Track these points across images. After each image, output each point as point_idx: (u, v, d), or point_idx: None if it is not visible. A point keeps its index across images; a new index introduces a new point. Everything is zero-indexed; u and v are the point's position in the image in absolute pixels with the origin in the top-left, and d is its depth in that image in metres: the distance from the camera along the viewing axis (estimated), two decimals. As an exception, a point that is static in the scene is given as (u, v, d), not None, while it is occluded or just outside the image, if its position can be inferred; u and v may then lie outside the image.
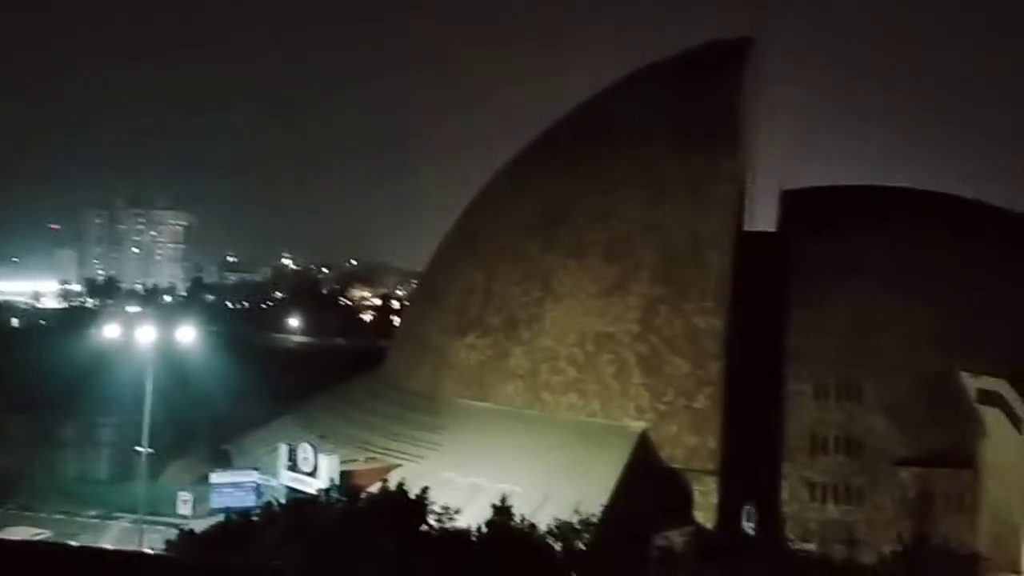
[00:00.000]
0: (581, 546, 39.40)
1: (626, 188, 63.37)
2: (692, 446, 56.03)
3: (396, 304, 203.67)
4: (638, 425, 56.83)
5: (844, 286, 59.56)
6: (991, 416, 55.58)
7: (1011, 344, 56.09)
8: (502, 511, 39.16)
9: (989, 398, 55.74)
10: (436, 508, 39.01)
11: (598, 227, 62.74)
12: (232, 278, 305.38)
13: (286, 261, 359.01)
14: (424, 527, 37.39)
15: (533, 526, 39.20)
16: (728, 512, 54.72)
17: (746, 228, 70.25)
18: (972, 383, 56.45)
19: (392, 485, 42.87)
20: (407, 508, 38.15)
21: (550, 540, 39.19)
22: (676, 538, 46.90)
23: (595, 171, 65.57)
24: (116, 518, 60.75)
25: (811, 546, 51.48)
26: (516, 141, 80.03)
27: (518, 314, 63.13)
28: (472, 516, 39.65)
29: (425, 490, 39.81)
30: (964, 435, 56.46)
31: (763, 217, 73.89)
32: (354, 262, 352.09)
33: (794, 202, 69.26)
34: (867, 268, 60.17)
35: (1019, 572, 51.45)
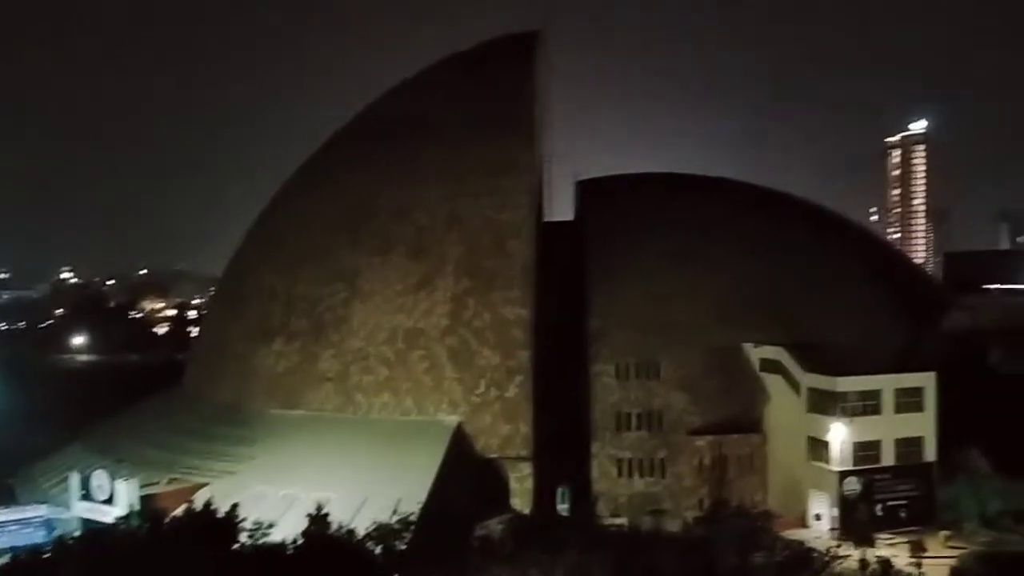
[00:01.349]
0: (401, 546, 39.19)
1: (427, 183, 63.52)
2: (506, 434, 57.15)
3: (194, 314, 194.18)
4: (452, 419, 57.25)
5: (638, 270, 62.68)
6: (773, 382, 60.54)
7: (786, 315, 61.16)
8: (318, 520, 38.27)
9: (770, 366, 60.71)
10: (248, 524, 37.57)
11: (402, 223, 62.54)
12: (4, 296, 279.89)
13: (66, 275, 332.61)
14: (236, 545, 35.88)
15: (351, 532, 38.59)
16: (544, 495, 56.33)
17: (546, 218, 72.37)
18: (755, 353, 61.28)
19: (199, 505, 40.91)
20: (216, 528, 36.48)
21: (370, 544, 38.73)
22: (495, 526, 47.63)
23: (396, 167, 65.31)
24: None
25: (621, 520, 53.79)
26: (312, 140, 78.35)
27: (325, 316, 61.83)
28: (288, 529, 38.53)
29: (235, 507, 38.26)
30: (751, 402, 61.17)
31: (561, 206, 76.48)
32: (145, 271, 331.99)
33: (589, 191, 72.02)
34: (658, 252, 63.62)
35: (806, 526, 56.36)
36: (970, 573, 46.28)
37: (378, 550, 38.35)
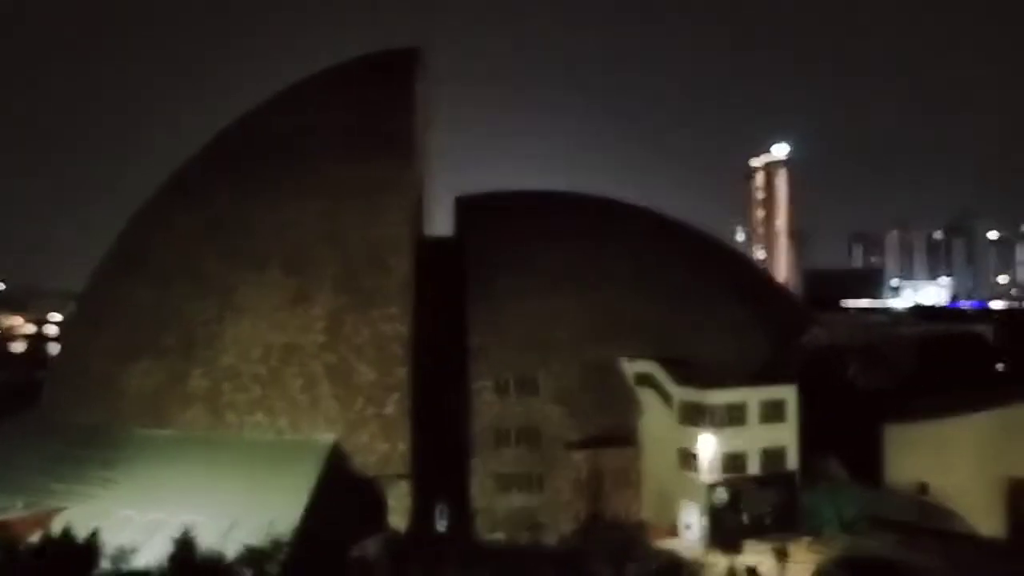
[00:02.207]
0: (274, 569, 38.16)
1: (304, 198, 62.44)
2: (384, 452, 56.52)
3: (54, 330, 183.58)
4: (329, 437, 56.21)
5: (516, 287, 63.41)
6: (647, 396, 62.27)
7: (659, 331, 63.14)
8: (184, 545, 36.86)
9: (644, 380, 62.45)
10: (110, 550, 35.80)
11: (277, 239, 61.18)
12: None
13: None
14: (96, 572, 34.11)
15: (221, 556, 37.32)
16: (423, 513, 55.96)
17: (425, 234, 72.27)
18: (630, 368, 62.93)
19: (57, 531, 38.67)
20: (75, 554, 34.61)
21: (239, 568, 37.54)
22: (371, 546, 47.01)
23: (271, 181, 63.91)
24: None
25: (500, 535, 54.07)
26: (180, 152, 75.76)
27: (196, 333, 59.66)
28: (152, 554, 36.92)
29: (95, 532, 36.37)
30: (626, 415, 62.68)
31: (440, 223, 76.61)
32: (1, 286, 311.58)
33: (469, 208, 72.38)
34: (536, 269, 64.58)
35: (677, 535, 58.04)
36: (829, 576, 48.71)
37: (249, 574, 37.22)
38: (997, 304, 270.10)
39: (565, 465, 60.48)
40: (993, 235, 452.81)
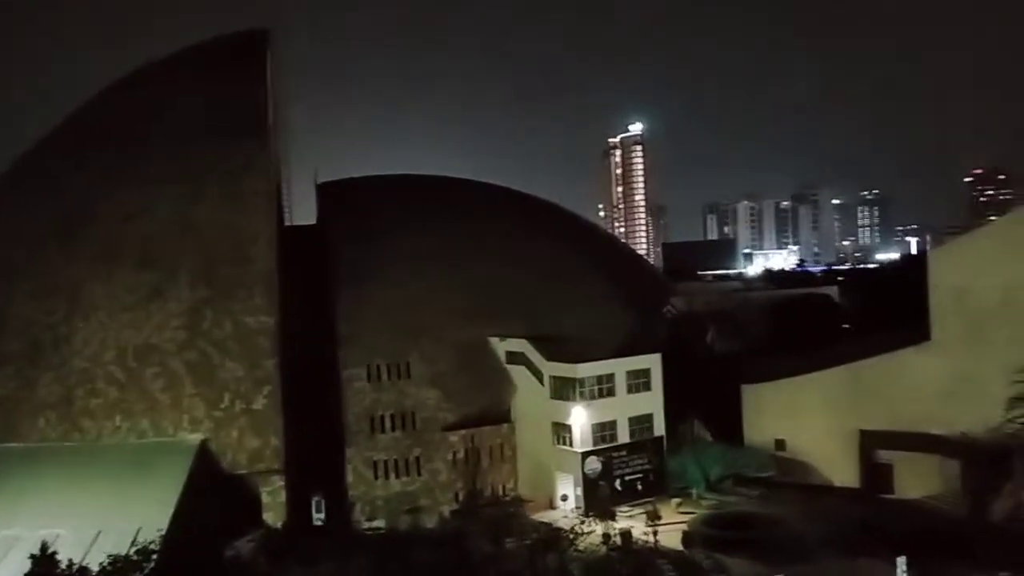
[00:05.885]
0: (143, 577, 36.63)
1: (156, 186, 59.25)
2: (255, 448, 54.96)
3: None
4: (195, 437, 54.13)
5: (384, 272, 62.81)
6: (519, 373, 63.17)
7: (527, 309, 64.02)
8: (43, 560, 34.81)
9: (516, 358, 63.32)
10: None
11: (128, 230, 57.95)
12: None
13: None
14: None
15: (84, 569, 35.50)
16: (299, 507, 54.91)
17: (288, 222, 70.43)
18: (501, 347, 63.65)
19: None
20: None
21: (107, 579, 35.83)
22: (244, 545, 45.77)
23: (118, 170, 60.39)
24: None
25: (379, 522, 53.78)
26: (18, 142, 70.84)
27: (42, 336, 55.92)
28: (8, 572, 34.71)
29: (-59, 557, 33.82)
30: (500, 394, 63.44)
31: (304, 210, 74.83)
32: None
33: (331, 194, 71.02)
34: (403, 253, 64.14)
35: (554, 507, 59.34)
36: (698, 535, 51.05)
37: (117, 584, 35.60)
38: (842, 266, 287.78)
39: (442, 446, 60.68)
40: (836, 202, 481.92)
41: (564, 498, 59.61)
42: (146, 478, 49.91)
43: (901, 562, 42.14)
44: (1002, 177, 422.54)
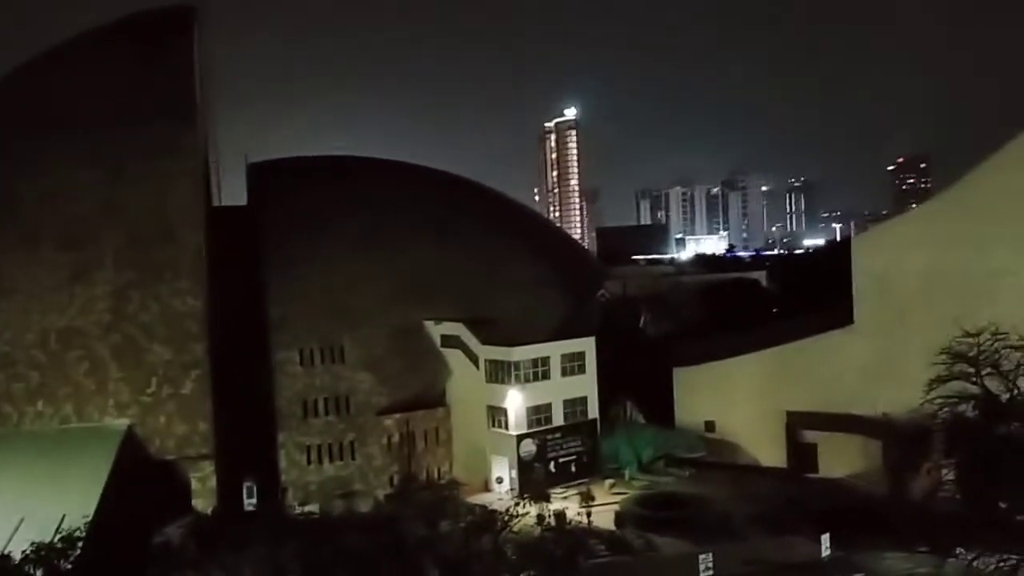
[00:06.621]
0: (67, 566, 35.62)
1: (78, 166, 57.30)
2: (183, 434, 53.97)
3: None
4: (121, 423, 52.92)
5: (316, 255, 61.87)
6: (454, 357, 63.08)
7: (462, 292, 63.84)
8: (-39, 551, 33.62)
9: (451, 342, 63.17)
10: None
11: (48, 212, 55.99)
12: None
13: None
14: None
15: (7, 556, 34.41)
16: (231, 493, 54.07)
17: (217, 203, 68.79)
18: (436, 330, 63.41)
19: None
20: None
21: (29, 567, 34.76)
22: (173, 531, 44.90)
23: (37, 150, 58.19)
24: None
25: (312, 507, 53.28)
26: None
27: (-42, 320, 53.88)
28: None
29: None
30: (434, 377, 63.31)
31: (233, 190, 73.08)
32: None
33: (262, 174, 69.49)
34: (336, 236, 63.22)
35: (489, 489, 59.62)
36: (630, 514, 51.95)
37: (39, 573, 34.57)
38: (770, 252, 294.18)
39: (376, 431, 60.35)
40: (764, 189, 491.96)
41: (499, 480, 59.91)
42: (71, 464, 48.53)
43: (825, 539, 43.58)
44: (923, 166, 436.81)
